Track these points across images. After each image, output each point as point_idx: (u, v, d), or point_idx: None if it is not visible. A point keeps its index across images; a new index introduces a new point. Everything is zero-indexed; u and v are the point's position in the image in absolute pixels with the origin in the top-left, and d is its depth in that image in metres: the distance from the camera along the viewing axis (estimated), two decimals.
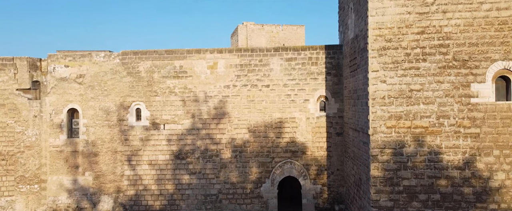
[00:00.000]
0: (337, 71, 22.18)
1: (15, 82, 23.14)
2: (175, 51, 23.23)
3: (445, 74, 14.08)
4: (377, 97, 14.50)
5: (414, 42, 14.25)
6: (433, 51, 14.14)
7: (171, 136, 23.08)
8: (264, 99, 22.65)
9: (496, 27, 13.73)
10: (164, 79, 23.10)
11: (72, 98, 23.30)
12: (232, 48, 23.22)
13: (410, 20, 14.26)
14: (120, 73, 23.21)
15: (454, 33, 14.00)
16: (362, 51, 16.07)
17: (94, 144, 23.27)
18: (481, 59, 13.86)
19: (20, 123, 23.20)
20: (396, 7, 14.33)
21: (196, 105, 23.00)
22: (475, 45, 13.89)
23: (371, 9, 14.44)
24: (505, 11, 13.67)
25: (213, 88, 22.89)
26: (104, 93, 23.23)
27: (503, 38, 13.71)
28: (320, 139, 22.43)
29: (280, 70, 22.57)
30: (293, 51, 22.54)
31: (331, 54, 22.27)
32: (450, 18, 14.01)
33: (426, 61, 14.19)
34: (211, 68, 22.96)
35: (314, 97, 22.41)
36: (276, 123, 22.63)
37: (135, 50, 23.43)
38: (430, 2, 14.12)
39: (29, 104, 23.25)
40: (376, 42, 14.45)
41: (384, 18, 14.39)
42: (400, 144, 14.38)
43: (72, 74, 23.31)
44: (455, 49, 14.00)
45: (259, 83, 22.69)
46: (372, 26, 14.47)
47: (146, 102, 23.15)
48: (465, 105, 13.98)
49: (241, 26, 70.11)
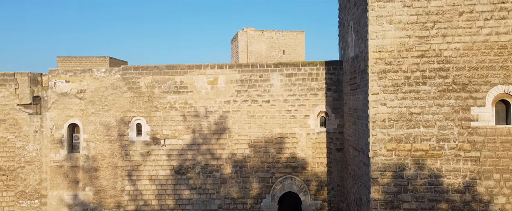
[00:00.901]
0: (337, 87, 22.23)
1: (16, 97, 23.20)
2: (176, 66, 23.30)
3: (445, 97, 14.13)
4: (378, 120, 14.54)
5: (414, 65, 14.31)
6: (433, 74, 14.20)
7: (172, 151, 23.11)
8: (265, 115, 22.69)
9: (495, 52, 13.80)
10: (165, 94, 23.15)
11: (73, 113, 23.35)
12: (233, 64, 23.29)
13: (410, 43, 14.33)
14: (121, 88, 23.27)
15: (454, 57, 14.06)
16: (362, 72, 16.13)
17: (95, 159, 23.29)
18: (481, 83, 13.91)
19: (21, 138, 23.23)
20: (396, 31, 14.40)
21: (196, 120, 23.04)
22: (474, 69, 13.95)
23: (371, 32, 14.51)
24: (504, 36, 13.73)
25: (213, 103, 22.95)
26: (104, 108, 23.28)
27: (502, 63, 13.77)
28: (320, 155, 22.46)
29: (280, 85, 22.63)
30: (293, 66, 22.61)
31: (331, 70, 22.34)
32: (450, 42, 14.08)
33: (426, 85, 14.25)
34: (212, 83, 23.02)
35: (314, 113, 22.45)
36: (277, 139, 22.66)
37: (135, 66, 23.50)
38: (429, 26, 14.19)
39: (30, 119, 23.29)
40: (377, 65, 14.51)
41: (384, 41, 14.45)
42: (400, 167, 14.41)
43: (73, 89, 23.36)
44: (455, 73, 14.06)
45: (259, 98, 22.74)
46: (372, 49, 14.53)
47: (146, 117, 23.19)
48: (465, 129, 14.02)
49: (241, 32, 70.35)
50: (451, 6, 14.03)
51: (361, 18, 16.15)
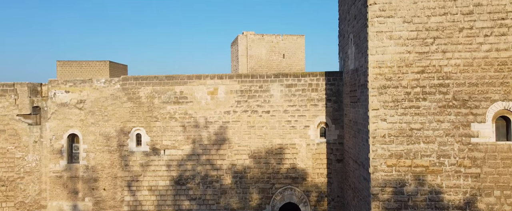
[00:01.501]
0: (337, 98, 22.21)
1: (15, 108, 23.17)
2: (176, 76, 23.29)
3: (445, 113, 14.11)
4: (378, 136, 14.51)
5: (414, 81, 14.29)
6: (433, 90, 14.18)
7: (171, 162, 23.07)
8: (265, 125, 22.67)
9: (495, 68, 13.78)
10: (165, 105, 23.13)
11: (73, 124, 23.31)
12: (233, 74, 23.28)
13: (410, 59, 14.32)
14: (121, 98, 23.24)
15: (454, 73, 14.05)
16: (362, 86, 16.11)
17: (94, 169, 23.25)
18: (481, 99, 13.90)
19: (20, 148, 23.19)
20: (396, 46, 14.39)
21: (196, 131, 23.01)
22: (475, 85, 13.93)
23: (371, 48, 14.50)
24: (504, 52, 13.72)
25: (213, 113, 22.92)
26: (104, 118, 23.25)
27: (502, 79, 13.75)
28: (320, 166, 22.43)
29: (280, 96, 22.61)
30: (293, 77, 22.59)
31: (331, 81, 22.32)
32: (450, 58, 14.07)
33: (426, 100, 14.23)
34: (212, 93, 23.00)
35: (314, 123, 22.43)
36: (277, 149, 22.63)
37: (135, 76, 23.48)
38: (429, 42, 14.18)
39: (30, 129, 23.25)
40: (377, 80, 14.49)
41: (384, 57, 14.44)
42: (400, 183, 14.38)
43: (73, 99, 23.34)
44: (455, 89, 14.04)
45: (259, 109, 22.72)
46: (372, 64, 14.52)
47: (146, 128, 23.16)
48: (466, 145, 13.99)
49: (241, 36, 70.38)
50: (451, 22, 14.03)
51: (361, 32, 16.14)
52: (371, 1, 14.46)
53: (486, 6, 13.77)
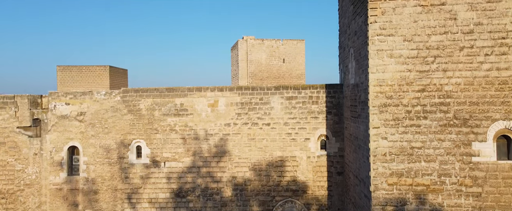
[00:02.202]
0: (337, 110, 22.20)
1: (15, 120, 23.15)
2: (176, 89, 23.28)
3: (446, 132, 14.09)
4: (378, 154, 14.49)
5: (415, 99, 14.28)
6: (434, 109, 14.17)
7: (172, 174, 23.03)
8: (265, 138, 22.65)
9: (496, 87, 13.77)
10: (165, 117, 23.11)
11: (73, 136, 23.29)
12: (233, 86, 23.28)
13: (411, 77, 14.31)
14: (121, 110, 23.23)
15: (454, 92, 14.03)
16: (362, 103, 16.10)
17: (94, 181, 23.21)
18: (482, 118, 13.88)
19: (20, 161, 23.16)
20: (396, 65, 14.38)
21: (196, 143, 22.98)
22: (475, 104, 13.92)
23: (372, 66, 14.49)
24: (505, 71, 13.72)
25: (213, 126, 22.90)
26: (104, 130, 23.23)
27: (503, 98, 13.74)
28: (321, 178, 22.39)
29: (280, 108, 22.59)
30: (293, 89, 22.59)
31: (331, 93, 22.31)
32: (451, 77, 14.06)
33: (427, 119, 14.21)
34: (212, 106, 22.99)
35: (315, 136, 22.41)
36: (277, 162, 22.60)
37: (135, 88, 23.48)
38: (430, 61, 14.18)
39: (30, 141, 23.23)
40: (377, 99, 14.48)
41: (385, 75, 14.44)
42: (401, 202, 14.34)
43: (73, 111, 23.33)
44: (456, 108, 14.03)
45: (259, 121, 22.70)
46: (373, 83, 14.51)
47: (146, 140, 23.14)
48: (467, 164, 13.97)
49: (241, 40, 70.44)
50: (452, 41, 14.03)
51: (361, 49, 16.14)
52: (372, 19, 14.47)
53: (487, 25, 13.78)
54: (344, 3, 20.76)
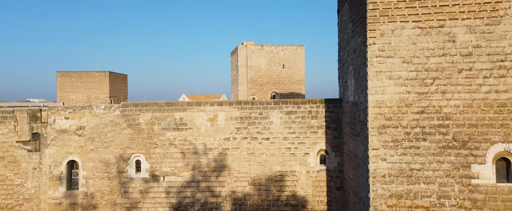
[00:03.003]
0: (337, 125, 22.20)
1: (15, 134, 23.14)
2: (175, 103, 23.30)
3: (445, 154, 14.08)
4: (378, 175, 14.47)
5: (414, 121, 14.28)
6: (433, 131, 14.17)
7: (171, 189, 23.00)
8: (264, 152, 22.64)
9: (495, 109, 13.78)
10: (164, 131, 23.10)
11: (72, 150, 23.27)
12: (232, 101, 23.29)
13: (410, 99, 14.32)
14: (120, 125, 23.22)
15: (453, 114, 14.04)
16: (362, 123, 16.10)
17: (93, 196, 23.17)
18: (481, 140, 13.88)
19: (20, 175, 23.13)
20: (395, 86, 14.39)
21: (196, 157, 22.97)
22: (474, 126, 13.92)
23: (371, 87, 14.50)
24: (504, 94, 13.72)
25: (213, 140, 22.89)
26: (104, 145, 23.22)
27: (502, 121, 13.74)
28: (320, 193, 22.36)
29: (280, 123, 22.59)
30: (293, 104, 22.60)
31: (331, 108, 22.32)
32: (450, 99, 14.07)
33: (426, 141, 14.21)
34: (211, 120, 22.98)
35: (314, 151, 22.40)
36: (276, 176, 22.58)
37: (135, 102, 23.49)
38: (429, 83, 14.19)
39: (29, 156, 23.21)
40: (376, 120, 14.49)
41: (384, 96, 14.44)
42: None
43: (72, 126, 23.32)
44: (455, 130, 14.03)
45: (259, 135, 22.70)
46: (372, 104, 14.51)
47: (146, 154, 23.12)
48: (466, 186, 13.95)
49: (241, 46, 70.51)
50: (450, 63, 14.05)
51: (360, 68, 16.16)
52: (371, 41, 14.49)
53: (485, 48, 13.80)
54: (343, 18, 20.80)
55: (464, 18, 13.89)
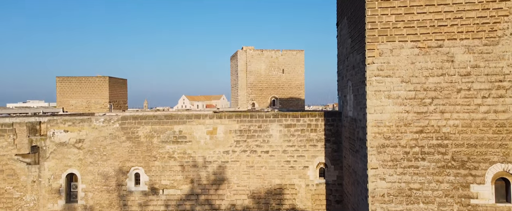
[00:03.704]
0: (336, 138, 22.19)
1: (14, 147, 23.11)
2: (175, 116, 23.28)
3: (444, 174, 14.08)
4: (377, 195, 14.46)
5: (413, 141, 14.29)
6: (432, 150, 14.17)
7: (170, 202, 22.96)
8: (264, 165, 22.62)
9: (494, 129, 13.78)
10: (164, 144, 23.09)
11: (71, 163, 23.24)
12: (231, 113, 23.29)
13: (409, 119, 14.33)
14: (120, 138, 23.21)
15: (452, 134, 14.04)
16: (361, 141, 16.10)
17: (93, 209, 23.12)
18: (480, 160, 13.88)
19: (18, 188, 23.09)
20: (394, 106, 14.41)
21: (195, 170, 22.95)
22: (473, 146, 13.92)
23: (370, 107, 14.51)
24: (502, 114, 13.74)
25: (212, 153, 22.88)
26: (103, 158, 23.19)
27: (501, 141, 13.75)
28: (319, 207, 22.33)
29: (279, 136, 22.58)
30: (292, 117, 22.59)
31: (330, 121, 22.32)
32: (448, 119, 14.08)
33: (425, 160, 14.20)
34: (211, 133, 22.97)
35: (313, 164, 22.38)
36: (276, 189, 22.55)
37: (134, 115, 23.48)
38: (428, 102, 14.20)
39: (28, 169, 23.17)
40: (375, 139, 14.49)
41: (383, 116, 14.45)
42: None
43: (72, 139, 23.29)
44: (454, 150, 14.03)
45: (258, 149, 22.68)
46: (371, 123, 14.52)
47: (145, 167, 23.09)
48: (465, 206, 13.94)
49: (241, 51, 70.57)
50: (449, 83, 14.07)
51: (359, 86, 16.17)
52: (369, 60, 14.51)
53: (484, 68, 13.82)
54: (342, 32, 20.84)
55: (462, 38, 13.92)
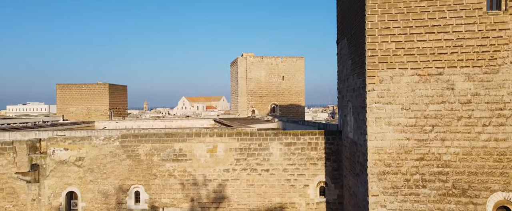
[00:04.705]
0: (336, 157, 22.17)
1: (14, 166, 23.07)
2: (175, 134, 23.27)
3: (445, 201, 14.05)
4: None
5: (414, 168, 14.27)
6: (432, 178, 14.15)
7: None
8: (264, 184, 22.57)
9: (495, 158, 13.77)
10: (164, 162, 23.05)
11: (71, 181, 23.20)
12: (232, 132, 23.27)
13: (409, 146, 14.31)
14: (120, 156, 23.18)
15: (453, 162, 14.03)
16: (361, 166, 16.08)
17: None
18: (481, 188, 13.85)
19: (18, 207, 23.03)
20: (394, 133, 14.40)
21: (195, 189, 22.90)
22: (474, 174, 13.91)
23: (370, 133, 14.50)
24: (503, 142, 13.73)
25: (212, 171, 22.84)
26: (103, 176, 23.15)
27: (502, 169, 13.73)
28: None
29: (279, 154, 22.56)
30: (292, 136, 22.57)
31: (330, 140, 22.30)
32: (449, 146, 14.06)
33: (426, 188, 14.18)
34: (211, 151, 22.94)
35: (314, 183, 22.34)
36: (276, 208, 22.48)
37: (134, 133, 23.46)
38: (428, 130, 14.20)
39: (28, 187, 23.13)
40: (376, 166, 14.47)
41: (384, 143, 14.44)
42: None
43: (72, 157, 23.26)
44: (455, 177, 14.01)
45: (258, 167, 22.65)
46: (371, 150, 14.50)
47: (145, 185, 23.05)
48: None
49: (241, 58, 70.64)
50: (449, 111, 14.06)
51: (360, 111, 16.16)
52: (370, 87, 14.51)
53: (484, 96, 13.83)
54: (342, 51, 20.85)
55: (462, 66, 13.93)
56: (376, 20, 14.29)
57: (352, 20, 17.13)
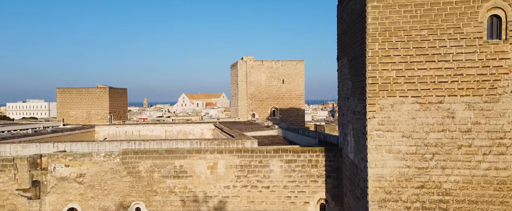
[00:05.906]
0: (337, 174, 22.21)
1: (15, 182, 23.10)
2: (176, 150, 23.30)
3: None
4: None
5: (414, 196, 14.31)
6: (433, 206, 14.19)
7: None
8: (264, 201, 22.62)
9: (495, 186, 13.81)
10: (164, 179, 23.09)
11: (72, 198, 23.24)
12: (232, 149, 23.30)
13: (410, 174, 14.35)
14: (120, 172, 23.22)
15: (453, 190, 14.07)
16: (362, 191, 16.12)
17: None
18: None
19: None
20: (395, 160, 14.43)
21: (196, 205, 22.94)
22: (474, 203, 13.95)
23: (371, 161, 14.54)
24: (503, 171, 13.76)
25: (213, 188, 22.88)
26: (104, 192, 23.19)
27: (502, 198, 13.77)
28: None
29: (280, 171, 22.60)
30: (293, 153, 22.61)
31: (330, 157, 22.33)
32: (449, 175, 14.10)
33: None
34: (211, 168, 22.98)
35: (314, 200, 22.39)
36: None
37: (135, 150, 23.49)
38: (429, 158, 14.23)
39: (29, 204, 23.16)
40: (376, 194, 14.51)
41: (384, 170, 14.48)
42: None
43: (72, 173, 23.30)
44: (455, 206, 14.05)
45: (259, 184, 22.69)
46: (372, 178, 14.54)
47: (145, 202, 23.09)
48: None
49: (241, 61, 70.66)
50: (450, 139, 14.09)
51: (360, 136, 16.18)
52: (370, 115, 14.54)
53: (484, 125, 13.86)
54: (342, 69, 20.87)
55: (463, 95, 13.96)
56: (376, 48, 14.31)
57: (352, 40, 17.13)
